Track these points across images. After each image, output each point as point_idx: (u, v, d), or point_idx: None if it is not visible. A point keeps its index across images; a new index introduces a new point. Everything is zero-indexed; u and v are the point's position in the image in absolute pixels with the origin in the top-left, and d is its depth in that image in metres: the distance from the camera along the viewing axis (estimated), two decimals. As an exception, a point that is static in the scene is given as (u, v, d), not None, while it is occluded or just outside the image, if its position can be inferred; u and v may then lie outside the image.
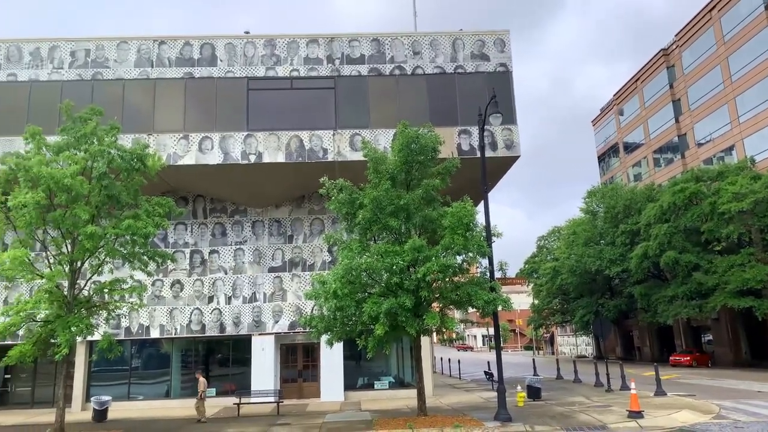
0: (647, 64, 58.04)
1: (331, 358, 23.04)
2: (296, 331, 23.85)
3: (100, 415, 19.48)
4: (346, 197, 17.02)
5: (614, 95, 65.39)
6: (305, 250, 24.93)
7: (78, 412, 22.22)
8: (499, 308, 16.34)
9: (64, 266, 17.36)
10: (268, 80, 23.92)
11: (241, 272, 24.58)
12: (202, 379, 19.93)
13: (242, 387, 23.01)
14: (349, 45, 24.39)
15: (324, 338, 17.21)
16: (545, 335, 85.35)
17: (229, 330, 23.92)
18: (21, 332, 17.15)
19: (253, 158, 22.88)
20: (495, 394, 18.58)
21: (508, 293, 17.74)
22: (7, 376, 24.89)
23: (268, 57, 24.11)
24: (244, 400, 20.71)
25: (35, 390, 24.70)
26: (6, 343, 17.57)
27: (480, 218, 16.89)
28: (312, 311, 22.05)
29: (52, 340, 16.61)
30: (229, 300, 24.24)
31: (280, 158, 22.93)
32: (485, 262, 17.59)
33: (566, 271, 50.63)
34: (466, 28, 25.51)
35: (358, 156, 22.01)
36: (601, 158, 70.41)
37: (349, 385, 23.89)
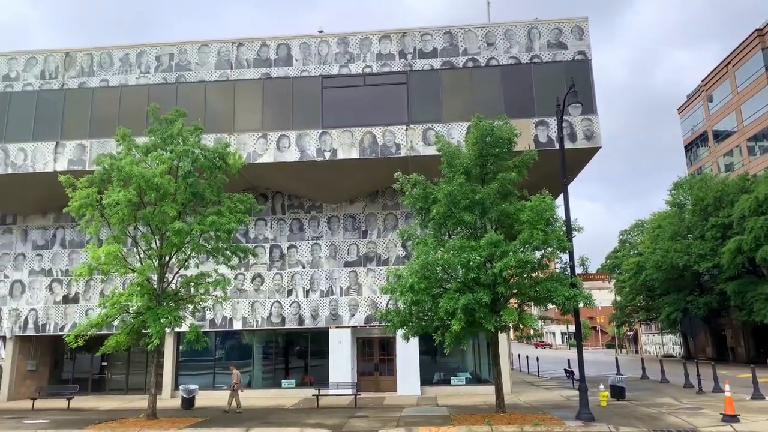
0: (740, 46, 54.25)
1: (407, 353, 23.10)
2: (372, 324, 24.07)
3: (188, 402, 20.46)
4: (420, 192, 16.96)
5: (702, 81, 61.62)
6: (379, 245, 25.10)
7: (168, 399, 23.44)
8: (581, 305, 15.81)
9: (154, 261, 18.35)
10: (341, 78, 24.22)
11: (318, 266, 25.09)
12: (235, 372, 20.54)
13: (320, 379, 23.51)
14: (421, 39, 24.28)
15: (400, 332, 17.26)
16: (628, 333, 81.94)
17: (308, 323, 24.48)
18: (116, 323, 18.22)
19: (327, 155, 23.25)
20: (576, 392, 18.00)
21: (589, 289, 17.13)
22: (104, 363, 26.65)
23: (341, 55, 24.40)
24: (322, 391, 21.14)
25: (129, 377, 26.33)
26: (103, 333, 18.72)
27: (559, 212, 16.37)
28: (387, 306, 22.22)
29: (144, 331, 17.59)
30: (307, 293, 24.80)
31: (354, 155, 23.18)
32: (565, 257, 17.06)
33: (651, 266, 48.34)
34: (542, 17, 24.74)
35: (432, 150, 21.92)
36: (688, 148, 66.62)
37: (426, 380, 23.88)
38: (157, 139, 18.59)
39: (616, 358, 35.68)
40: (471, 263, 15.05)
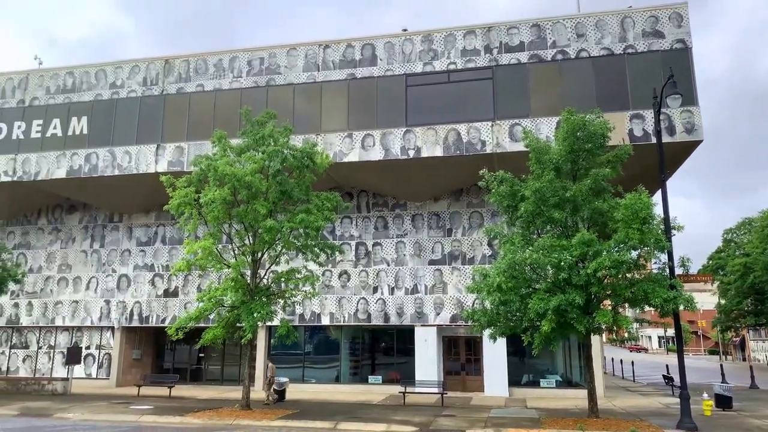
0: None
1: (494, 353, 22.70)
2: (458, 324, 23.86)
3: (280, 395, 21.12)
4: (507, 189, 16.56)
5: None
6: (464, 243, 24.82)
7: (260, 390, 24.28)
8: (681, 308, 14.88)
9: (247, 257, 19.11)
10: (425, 75, 24.15)
11: (402, 264, 25.17)
12: (271, 365, 21.57)
13: (406, 376, 23.58)
14: (507, 33, 23.75)
15: (487, 332, 16.96)
16: (734, 339, 76.47)
17: (393, 320, 24.63)
18: (212, 316, 19.11)
19: (412, 153, 23.26)
20: (676, 400, 17.02)
21: (689, 291, 16.08)
22: (201, 355, 28.07)
23: (425, 52, 24.32)
24: (408, 389, 21.18)
25: (224, 368, 27.60)
26: (200, 325, 19.67)
27: (657, 210, 15.47)
28: (474, 305, 21.93)
29: (239, 324, 18.36)
30: (392, 291, 24.95)
31: (438, 152, 23.04)
32: (663, 257, 16.10)
33: (760, 268, 44.85)
34: (636, 5, 23.48)
35: (519, 147, 21.38)
36: (803, 138, 61.12)
37: (514, 381, 23.38)
38: (249, 141, 19.33)
39: (721, 365, 33.37)
40: (562, 263, 14.56)
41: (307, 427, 15.86)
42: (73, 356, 25.19)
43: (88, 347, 27.93)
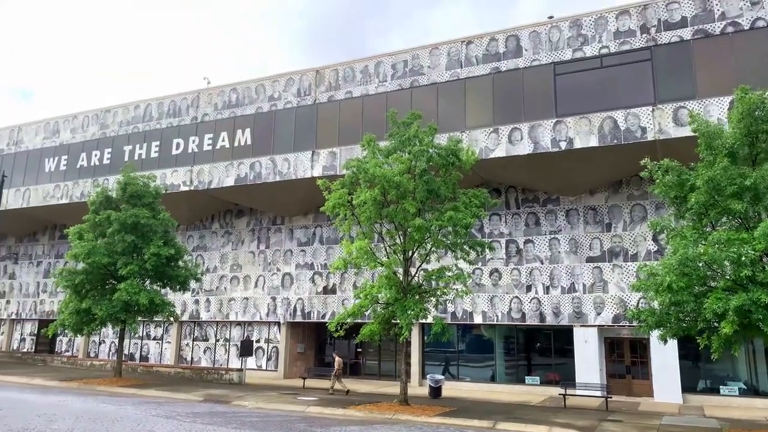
0: None
1: (664, 356, 21.00)
2: (621, 324, 22.42)
3: (436, 392, 21.39)
4: (674, 179, 15.24)
5: None
6: (626, 238, 23.25)
7: (416, 386, 24.79)
8: None
9: (399, 255, 19.58)
10: (575, 62, 23.01)
11: (557, 262, 24.20)
12: (338, 359, 23.12)
13: (565, 378, 22.67)
14: (666, 9, 21.84)
15: (656, 334, 15.73)
16: None
17: (549, 320, 23.78)
18: (368, 313, 19.83)
19: (563, 145, 22.28)
20: None
21: None
22: (358, 350, 29.27)
23: (574, 38, 23.17)
24: (569, 391, 20.35)
25: (381, 364, 28.52)
26: (357, 321, 20.52)
27: None
28: (639, 304, 20.49)
29: (393, 321, 18.89)
30: (547, 289, 24.10)
31: (593, 142, 21.82)
32: None
33: None
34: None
35: (685, 131, 19.62)
36: None
37: (688, 387, 21.46)
38: (396, 142, 19.80)
39: None
40: (743, 258, 13.07)
41: (466, 425, 15.86)
42: (245, 349, 27.56)
43: (258, 341, 30.42)
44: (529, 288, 24.42)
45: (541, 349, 25.19)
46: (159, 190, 26.68)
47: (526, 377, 24.59)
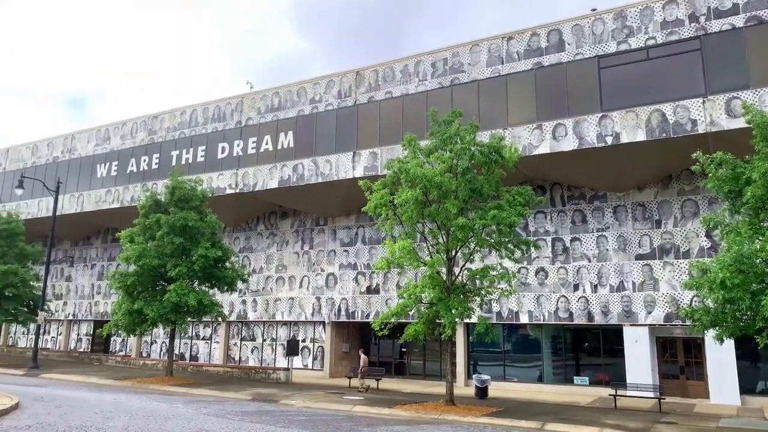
0: None
1: (720, 356, 20.26)
2: (673, 323, 21.75)
3: (482, 392, 21.20)
4: (728, 173, 14.64)
5: None
6: (677, 235, 22.53)
7: (461, 387, 24.62)
8: None
9: (442, 255, 19.47)
10: (620, 55, 22.44)
11: (605, 260, 23.65)
12: (363, 357, 23.65)
13: (615, 378, 22.15)
14: (717, -4, 21.07)
15: (711, 333, 15.18)
16: None
17: (598, 319, 23.26)
18: (412, 312, 19.79)
19: (609, 140, 21.75)
20: None
21: None
22: (403, 350, 29.29)
23: (618, 30, 22.60)
24: (619, 392, 19.86)
25: (426, 363, 28.45)
26: (401, 321, 20.53)
27: None
28: (692, 303, 19.84)
29: (437, 321, 18.80)
30: (595, 288, 23.58)
31: (640, 137, 21.23)
32: None
33: None
34: None
35: (739, 123, 18.89)
36: None
37: (746, 388, 20.65)
38: (437, 141, 19.70)
39: None
40: (804, 254, 12.47)
41: (513, 426, 15.67)
42: (292, 348, 27.92)
43: (303, 340, 30.79)
44: (576, 287, 23.94)
45: (590, 348, 24.66)
46: (206, 193, 27.30)
47: (574, 377, 24.12)
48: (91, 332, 40.29)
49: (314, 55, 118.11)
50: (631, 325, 22.53)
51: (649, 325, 22.24)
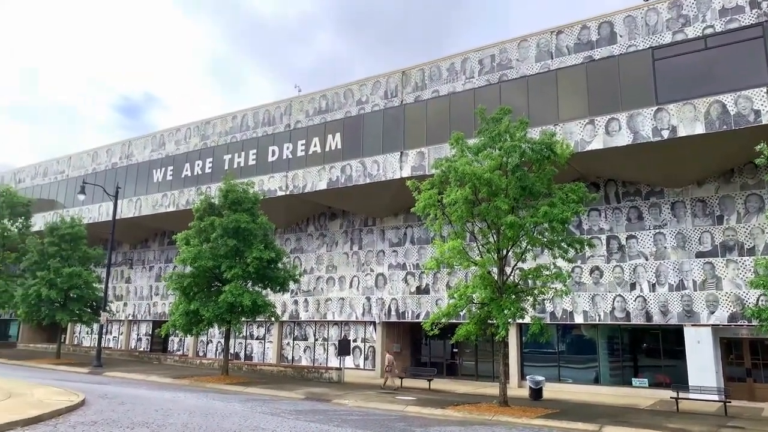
0: None
1: (789, 357, 19.30)
2: (738, 324, 20.82)
3: (536, 393, 20.81)
4: (797, 164, 13.95)
5: None
6: (741, 231, 21.55)
7: (515, 388, 24.24)
8: None
9: (492, 254, 19.23)
10: (676, 45, 21.66)
11: (663, 258, 22.85)
12: (388, 357, 24.68)
13: (675, 380, 21.37)
14: (781, -21, 20.06)
15: (781, 334, 14.49)
16: None
17: (656, 319, 22.49)
18: (463, 313, 19.63)
19: (666, 134, 21.01)
20: None
21: None
22: (454, 350, 29.08)
23: (674, 20, 21.81)
24: (681, 395, 19.16)
25: (478, 364, 28.17)
26: (452, 321, 20.37)
27: None
28: (759, 302, 18.95)
29: (489, 321, 18.58)
30: (653, 287, 22.81)
31: (699, 129, 20.41)
32: None
33: None
34: None
35: (807, 112, 17.92)
36: None
37: (819, 391, 19.61)
38: (486, 139, 19.47)
39: None
40: None
41: (570, 428, 15.35)
42: (343, 348, 28.14)
43: (355, 340, 30.98)
44: (633, 286, 23.23)
45: (649, 349, 23.86)
46: (257, 195, 27.83)
47: (632, 379, 23.38)
48: (150, 332, 41.68)
49: (355, 57, 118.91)
50: (692, 325, 21.68)
51: (712, 325, 21.35)
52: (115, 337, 44.04)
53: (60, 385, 19.99)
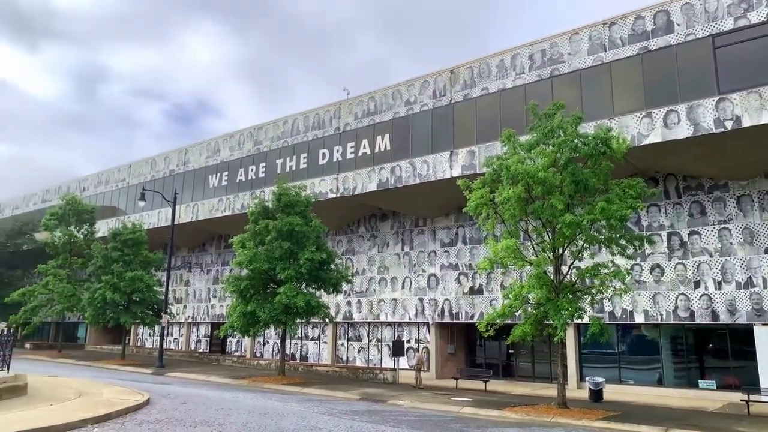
0: None
1: None
2: (814, 322, 19.71)
3: (596, 395, 20.28)
4: None
5: None
6: (814, 223, 20.40)
7: (573, 389, 23.66)
8: None
9: (548, 253, 18.84)
10: (738, 32, 20.68)
11: (729, 254, 21.86)
12: (418, 355, 26.17)
13: (745, 382, 20.39)
14: None
15: None
16: None
17: (723, 318, 21.53)
18: (518, 313, 19.30)
19: (729, 124, 20.08)
20: None
21: None
22: (510, 351, 28.66)
23: (735, 6, 20.84)
24: (753, 397, 18.25)
25: (534, 365, 27.67)
26: (507, 322, 20.06)
27: None
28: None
29: (546, 321, 18.21)
30: (718, 285, 21.86)
31: (765, 119, 19.42)
32: None
33: None
34: None
35: None
36: None
37: None
38: (538, 135, 19.11)
39: None
40: None
41: (632, 431, 14.83)
42: (397, 349, 28.18)
43: (408, 341, 30.96)
44: (697, 284, 22.31)
45: (716, 350, 22.86)
46: (309, 198, 28.20)
47: (699, 381, 22.45)
48: (209, 334, 42.85)
49: (398, 58, 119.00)
50: (762, 324, 20.64)
51: (785, 324, 20.31)
52: (175, 338, 45.48)
53: (126, 384, 20.81)
